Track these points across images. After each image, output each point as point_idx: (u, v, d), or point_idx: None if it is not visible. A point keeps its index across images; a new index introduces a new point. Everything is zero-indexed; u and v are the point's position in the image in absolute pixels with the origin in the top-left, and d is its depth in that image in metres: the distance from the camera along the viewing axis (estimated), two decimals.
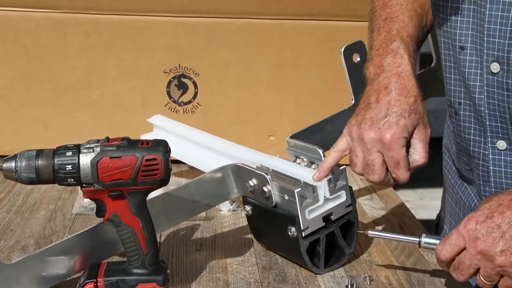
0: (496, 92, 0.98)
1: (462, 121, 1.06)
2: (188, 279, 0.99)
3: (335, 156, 0.99)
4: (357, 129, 0.96)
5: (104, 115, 1.44)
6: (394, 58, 0.98)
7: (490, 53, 0.96)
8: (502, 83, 0.97)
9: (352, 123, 0.97)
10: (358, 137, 0.96)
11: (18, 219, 1.18)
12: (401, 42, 1.00)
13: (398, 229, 1.17)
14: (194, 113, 1.45)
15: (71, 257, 0.94)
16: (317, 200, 0.98)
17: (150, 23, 1.40)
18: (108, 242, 0.95)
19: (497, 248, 0.86)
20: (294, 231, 0.97)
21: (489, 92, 0.99)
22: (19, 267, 0.90)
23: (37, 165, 0.83)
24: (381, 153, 0.95)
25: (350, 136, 0.97)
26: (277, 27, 1.41)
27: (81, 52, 1.41)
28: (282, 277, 1.00)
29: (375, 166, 0.96)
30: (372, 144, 0.95)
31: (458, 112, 1.06)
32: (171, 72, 1.43)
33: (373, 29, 1.06)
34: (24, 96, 1.43)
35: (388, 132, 0.94)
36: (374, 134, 0.95)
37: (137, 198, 0.88)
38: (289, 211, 0.97)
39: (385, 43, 1.01)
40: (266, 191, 0.99)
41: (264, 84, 1.43)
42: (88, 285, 0.89)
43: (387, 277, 1.00)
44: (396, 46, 0.99)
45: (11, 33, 1.39)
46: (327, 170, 0.98)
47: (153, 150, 0.86)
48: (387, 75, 0.98)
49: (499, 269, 0.87)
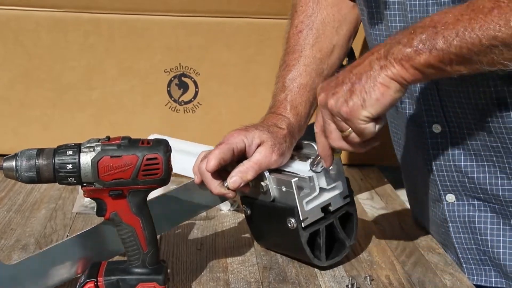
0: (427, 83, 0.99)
1: (407, 109, 1.05)
2: (188, 279, 0.99)
3: None
4: None
5: (104, 115, 1.44)
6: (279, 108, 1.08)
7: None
8: None
9: None
10: None
11: (18, 218, 1.18)
12: (288, 93, 1.09)
13: (399, 228, 1.17)
14: (195, 112, 1.45)
15: (72, 258, 0.94)
16: (314, 190, 0.98)
17: (150, 23, 1.40)
18: (110, 242, 0.95)
19: (330, 92, 0.86)
20: (293, 223, 0.97)
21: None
22: (20, 268, 0.90)
23: (38, 164, 0.83)
24: None
25: None
26: (277, 27, 1.41)
27: (82, 52, 1.41)
28: (282, 277, 1.00)
29: None
30: None
31: (403, 100, 1.05)
32: (172, 72, 1.43)
33: (278, 75, 1.13)
34: (24, 96, 1.43)
35: None
36: None
37: (138, 197, 0.88)
38: (287, 203, 0.98)
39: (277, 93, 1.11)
40: (264, 185, 0.99)
41: (264, 84, 1.43)
42: (89, 284, 0.89)
43: (387, 277, 1.00)
44: (283, 97, 1.09)
45: (11, 33, 1.39)
46: None
47: (153, 150, 0.86)
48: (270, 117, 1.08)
49: (336, 113, 0.86)
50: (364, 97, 0.83)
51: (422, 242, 1.12)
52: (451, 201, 1.05)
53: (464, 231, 1.05)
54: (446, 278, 1.00)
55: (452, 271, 1.03)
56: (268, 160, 0.99)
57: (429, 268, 1.03)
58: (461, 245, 1.05)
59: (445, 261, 1.05)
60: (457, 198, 1.04)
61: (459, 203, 1.04)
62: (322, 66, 1.12)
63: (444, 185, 1.04)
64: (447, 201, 1.05)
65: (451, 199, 1.05)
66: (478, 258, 1.04)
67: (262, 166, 0.99)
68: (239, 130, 1.00)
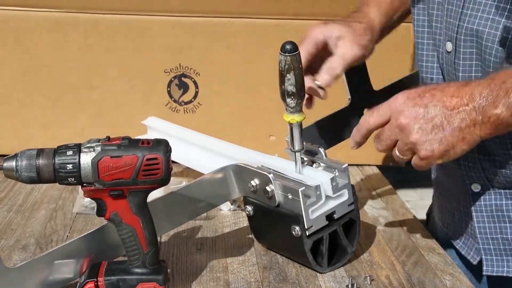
0: (450, 70, 1.02)
1: None
2: (188, 279, 0.99)
3: None
4: None
5: (104, 115, 1.44)
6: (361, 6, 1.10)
7: (446, 32, 1.01)
8: (452, 62, 1.00)
9: None
10: None
11: (18, 218, 1.18)
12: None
13: (399, 228, 1.17)
14: (195, 112, 1.45)
15: (75, 260, 0.94)
16: (320, 198, 0.98)
17: (150, 23, 1.40)
18: (112, 244, 0.95)
19: (416, 125, 0.88)
20: (298, 230, 0.97)
21: (446, 70, 1.03)
22: (22, 271, 0.90)
23: (38, 164, 0.83)
24: None
25: None
26: (277, 27, 1.41)
27: (82, 52, 1.41)
28: (282, 277, 1.00)
29: None
30: None
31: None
32: (172, 72, 1.43)
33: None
34: (24, 96, 1.43)
35: None
36: None
37: (138, 197, 0.88)
38: (293, 210, 0.97)
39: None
40: (269, 190, 0.99)
41: (265, 84, 1.43)
42: (89, 284, 0.89)
43: (387, 277, 1.00)
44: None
45: (11, 33, 1.39)
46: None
47: (154, 150, 0.86)
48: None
49: (411, 145, 0.89)
50: (447, 150, 0.88)
51: (422, 242, 1.12)
52: (477, 191, 1.04)
53: (489, 220, 1.05)
54: (446, 279, 1.00)
55: (452, 271, 1.03)
56: (351, 52, 1.01)
57: (429, 269, 1.03)
58: (483, 235, 1.05)
59: (445, 262, 1.05)
60: (482, 187, 1.04)
61: (484, 192, 1.04)
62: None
63: (469, 175, 1.04)
64: (473, 191, 1.05)
65: (477, 188, 1.05)
66: (502, 248, 1.04)
67: (348, 59, 1.01)
68: (318, 25, 1.03)
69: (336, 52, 1.02)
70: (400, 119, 0.90)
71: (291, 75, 0.93)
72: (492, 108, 0.85)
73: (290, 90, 0.94)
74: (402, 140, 0.91)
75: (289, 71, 0.93)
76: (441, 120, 0.88)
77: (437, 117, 0.88)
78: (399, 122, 0.90)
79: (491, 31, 0.94)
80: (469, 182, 1.05)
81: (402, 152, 0.91)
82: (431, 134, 0.88)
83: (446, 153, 0.88)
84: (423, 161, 0.90)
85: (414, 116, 0.89)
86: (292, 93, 0.95)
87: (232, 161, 1.06)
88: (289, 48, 0.92)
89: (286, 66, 0.93)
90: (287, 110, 0.97)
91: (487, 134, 0.87)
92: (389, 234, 1.15)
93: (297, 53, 0.92)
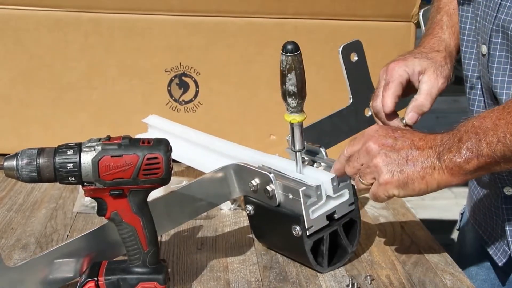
0: (484, 73, 1.02)
1: (478, 95, 1.08)
2: (189, 278, 0.99)
3: None
4: None
5: (104, 114, 1.44)
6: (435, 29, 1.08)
7: (482, 35, 1.01)
8: (486, 65, 1.01)
9: None
10: None
11: (19, 217, 1.18)
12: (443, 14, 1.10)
13: (399, 228, 1.17)
14: (195, 112, 1.45)
15: (75, 259, 0.94)
16: (321, 198, 0.98)
17: (151, 22, 1.40)
18: (113, 243, 0.95)
19: (382, 150, 0.91)
20: (298, 230, 0.97)
21: (482, 72, 1.03)
22: (23, 270, 0.90)
23: (38, 163, 0.83)
24: None
25: None
26: (278, 27, 1.41)
27: (82, 52, 1.41)
28: (283, 276, 1.00)
29: None
30: None
31: (475, 86, 1.08)
32: (172, 71, 1.43)
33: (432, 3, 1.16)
34: (24, 95, 1.43)
35: None
36: None
37: (138, 197, 0.88)
38: (293, 210, 0.97)
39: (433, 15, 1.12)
40: (270, 190, 0.99)
41: (265, 83, 1.43)
42: (89, 283, 0.89)
43: (388, 277, 1.00)
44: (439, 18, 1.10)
45: (11, 33, 1.39)
46: None
47: (154, 149, 0.86)
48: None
49: (374, 168, 0.92)
50: (406, 182, 0.90)
51: (422, 242, 1.12)
52: (509, 194, 1.05)
53: None
54: (446, 278, 1.00)
55: (452, 271, 1.03)
56: (436, 86, 1.01)
57: (430, 268, 1.03)
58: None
59: (446, 261, 1.05)
60: None
61: None
62: None
63: (501, 178, 1.04)
64: (505, 193, 1.05)
65: (509, 191, 1.05)
66: None
67: (433, 94, 1.01)
68: (397, 61, 1.03)
69: (421, 88, 1.02)
70: (369, 143, 0.93)
71: (292, 75, 0.93)
72: (447, 153, 0.88)
73: (291, 90, 0.94)
74: (366, 162, 0.93)
75: (290, 71, 0.93)
76: (406, 154, 0.91)
77: (403, 150, 0.91)
78: (367, 145, 0.93)
79: None
80: (502, 185, 1.05)
81: (364, 175, 0.94)
82: (395, 162, 0.91)
83: (405, 185, 0.90)
84: (381, 187, 0.92)
85: (383, 143, 0.92)
86: (293, 93, 0.95)
87: (233, 160, 1.06)
88: (290, 48, 0.92)
89: (287, 66, 0.93)
90: (288, 110, 0.97)
91: (445, 181, 0.89)
92: (390, 234, 1.15)
93: (298, 53, 0.92)
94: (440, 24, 1.09)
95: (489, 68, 1.00)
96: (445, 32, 1.08)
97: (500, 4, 0.95)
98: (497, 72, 0.99)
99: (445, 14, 1.10)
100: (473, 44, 1.07)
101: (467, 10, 1.07)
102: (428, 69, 1.02)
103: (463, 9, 1.08)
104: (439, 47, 1.05)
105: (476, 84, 1.08)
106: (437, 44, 1.06)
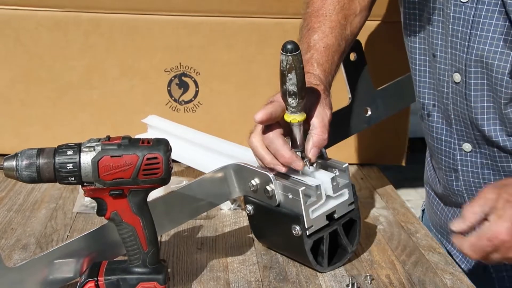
0: (459, 100, 1.04)
1: (435, 122, 1.12)
2: (188, 278, 0.99)
3: None
4: None
5: (105, 114, 1.44)
6: (306, 67, 1.02)
7: (453, 64, 1.03)
8: (462, 93, 1.03)
9: None
10: None
11: (19, 217, 1.18)
12: (314, 52, 1.08)
13: (399, 228, 1.17)
14: (195, 112, 1.45)
15: (75, 259, 0.94)
16: (321, 198, 0.98)
17: (151, 22, 1.40)
18: (113, 243, 0.95)
19: None
20: (298, 230, 0.97)
21: (453, 99, 1.05)
22: (23, 270, 0.90)
23: (38, 163, 0.83)
24: None
25: None
26: (278, 27, 1.41)
27: (82, 52, 1.41)
28: (283, 276, 1.00)
29: None
30: None
31: (432, 113, 1.12)
32: (172, 71, 1.43)
33: (300, 36, 1.13)
34: (24, 95, 1.43)
35: None
36: None
37: (138, 197, 0.88)
38: (293, 210, 0.97)
39: (303, 52, 1.07)
40: (269, 190, 0.99)
41: (265, 83, 1.43)
42: (89, 284, 0.89)
43: (388, 276, 1.00)
44: (309, 57, 1.07)
45: (12, 33, 1.39)
46: None
47: (154, 149, 0.86)
48: None
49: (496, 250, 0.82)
50: None
51: (422, 241, 1.12)
52: (468, 151, 1.08)
53: (474, 176, 1.09)
54: (446, 278, 1.00)
55: (452, 270, 1.03)
56: (327, 116, 1.00)
57: (430, 268, 1.03)
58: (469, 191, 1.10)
59: (446, 261, 1.05)
60: (473, 146, 1.07)
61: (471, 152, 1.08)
62: (346, 31, 1.13)
63: (461, 135, 1.07)
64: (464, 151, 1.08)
65: (467, 148, 1.08)
66: None
67: (327, 124, 1.00)
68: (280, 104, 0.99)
69: (314, 124, 0.99)
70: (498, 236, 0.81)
71: (292, 74, 0.93)
72: None
73: (291, 90, 0.94)
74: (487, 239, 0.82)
75: (290, 71, 0.93)
76: None
77: None
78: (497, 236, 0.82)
79: (501, 63, 0.96)
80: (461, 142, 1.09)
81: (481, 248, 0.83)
82: None
83: None
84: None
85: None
86: (294, 93, 0.95)
87: (233, 160, 1.06)
88: (290, 47, 0.92)
89: (287, 66, 0.93)
90: (288, 110, 0.97)
91: None
92: (390, 233, 1.15)
93: (298, 52, 0.92)
94: (310, 63, 1.07)
95: (466, 96, 1.02)
96: (316, 69, 1.07)
97: (470, 33, 0.98)
98: (475, 99, 1.02)
99: (315, 52, 1.09)
100: (424, 73, 1.11)
101: (414, 41, 1.11)
102: (313, 104, 1.00)
103: (411, 40, 1.12)
104: (315, 81, 1.03)
105: (433, 112, 1.12)
106: (312, 79, 1.04)
